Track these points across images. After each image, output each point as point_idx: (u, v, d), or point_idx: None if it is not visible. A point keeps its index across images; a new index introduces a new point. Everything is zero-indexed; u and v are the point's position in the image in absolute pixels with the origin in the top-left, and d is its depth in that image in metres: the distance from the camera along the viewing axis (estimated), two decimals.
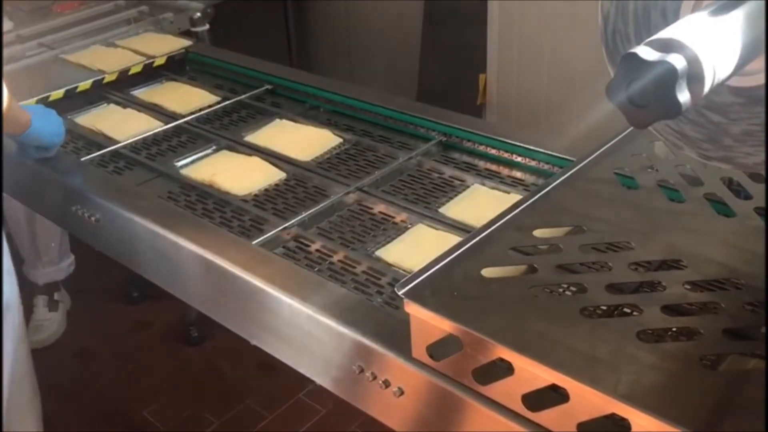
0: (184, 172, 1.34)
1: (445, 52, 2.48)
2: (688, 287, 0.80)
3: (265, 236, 1.12)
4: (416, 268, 0.93)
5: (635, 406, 0.65)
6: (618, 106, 0.51)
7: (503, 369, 0.74)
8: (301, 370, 1.01)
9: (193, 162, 1.38)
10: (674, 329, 0.81)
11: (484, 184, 1.24)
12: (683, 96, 0.47)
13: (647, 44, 0.49)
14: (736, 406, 0.67)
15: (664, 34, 0.50)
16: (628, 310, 0.86)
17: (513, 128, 1.34)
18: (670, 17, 0.59)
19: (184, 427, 1.94)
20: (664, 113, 0.48)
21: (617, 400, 0.65)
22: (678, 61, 0.47)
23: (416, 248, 1.09)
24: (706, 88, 0.49)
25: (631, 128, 1.08)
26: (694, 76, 0.48)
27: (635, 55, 0.48)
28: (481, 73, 2.23)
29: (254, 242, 1.11)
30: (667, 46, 0.49)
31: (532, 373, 0.71)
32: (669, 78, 0.47)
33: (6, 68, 1.71)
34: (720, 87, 0.55)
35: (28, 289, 2.23)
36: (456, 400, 0.80)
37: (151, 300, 2.35)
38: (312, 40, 2.96)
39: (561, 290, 0.91)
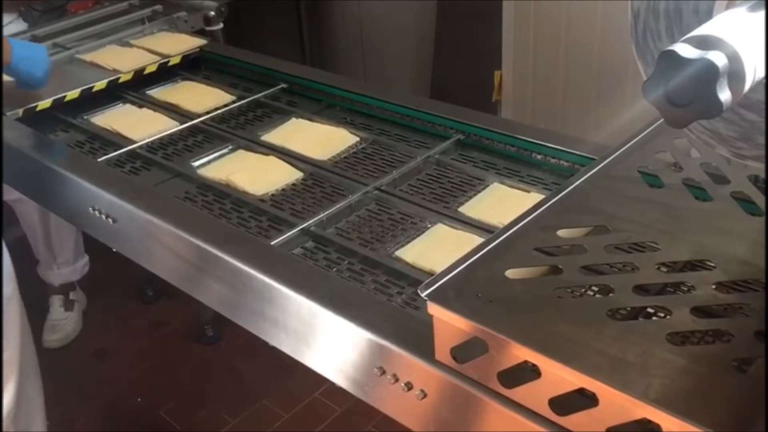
0: (200, 172, 1.34)
1: (459, 48, 2.47)
2: (717, 288, 0.79)
3: (284, 237, 1.12)
4: (436, 269, 0.92)
5: (667, 411, 0.63)
6: (655, 105, 0.49)
7: (529, 372, 0.73)
8: (321, 372, 1.00)
9: (209, 162, 1.37)
10: (704, 331, 0.80)
11: (503, 183, 1.22)
12: (724, 95, 0.46)
13: (685, 41, 0.48)
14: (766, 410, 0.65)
15: (701, 30, 0.49)
16: (655, 311, 0.85)
17: (532, 126, 1.32)
18: (703, 14, 0.58)
19: (200, 427, 1.94)
20: (704, 112, 0.47)
21: (648, 405, 0.64)
22: (719, 59, 0.46)
23: (436, 248, 1.08)
24: (747, 86, 0.47)
25: (654, 125, 1.07)
26: (735, 74, 0.47)
27: (674, 52, 0.47)
28: (496, 69, 2.22)
29: (272, 243, 1.10)
30: (705, 43, 0.47)
31: (559, 377, 0.70)
32: (709, 76, 0.46)
33: None
34: (756, 84, 0.54)
35: (43, 290, 2.24)
36: (481, 403, 0.78)
37: (166, 299, 2.35)
38: (325, 37, 2.95)
39: (583, 290, 0.89)
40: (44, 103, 1.55)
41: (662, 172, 0.97)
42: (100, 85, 1.63)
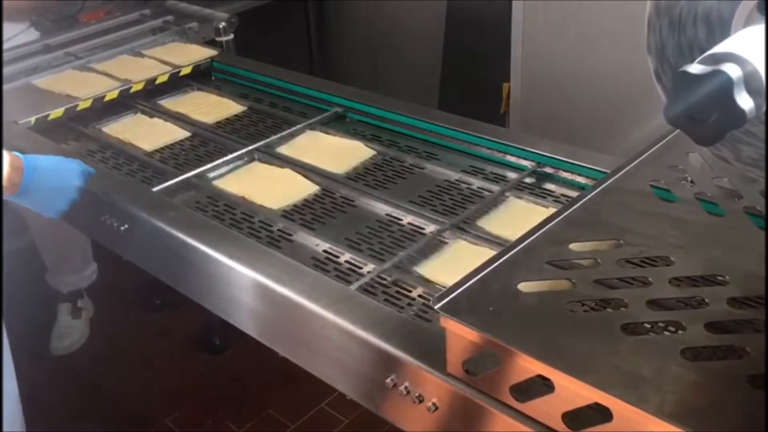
0: (214, 182, 1.34)
1: (467, 58, 2.47)
2: (730, 303, 0.79)
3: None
4: (447, 282, 0.92)
5: (681, 426, 0.63)
6: (678, 126, 0.50)
7: (543, 386, 0.73)
8: (332, 384, 1.00)
9: (222, 172, 1.37)
10: (717, 346, 0.79)
11: (519, 198, 1.22)
12: (745, 102, 0.46)
13: (700, 61, 0.48)
14: None
15: (717, 49, 0.49)
16: (667, 326, 0.85)
17: (544, 139, 1.32)
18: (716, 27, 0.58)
19: None
20: (728, 124, 0.47)
21: (663, 420, 0.64)
22: (732, 70, 0.46)
23: (455, 264, 1.07)
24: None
25: (667, 139, 1.07)
26: (754, 89, 0.47)
27: (686, 72, 0.47)
28: (504, 81, 2.22)
29: (283, 253, 1.10)
30: (720, 60, 0.47)
31: (573, 391, 0.70)
32: (725, 87, 0.46)
33: (33, 78, 1.73)
34: None
35: (51, 297, 2.25)
36: (493, 417, 0.78)
37: (173, 307, 2.35)
38: (333, 46, 2.97)
39: (594, 304, 0.89)
40: (56, 112, 1.57)
41: (675, 186, 0.97)
42: (111, 94, 1.64)
